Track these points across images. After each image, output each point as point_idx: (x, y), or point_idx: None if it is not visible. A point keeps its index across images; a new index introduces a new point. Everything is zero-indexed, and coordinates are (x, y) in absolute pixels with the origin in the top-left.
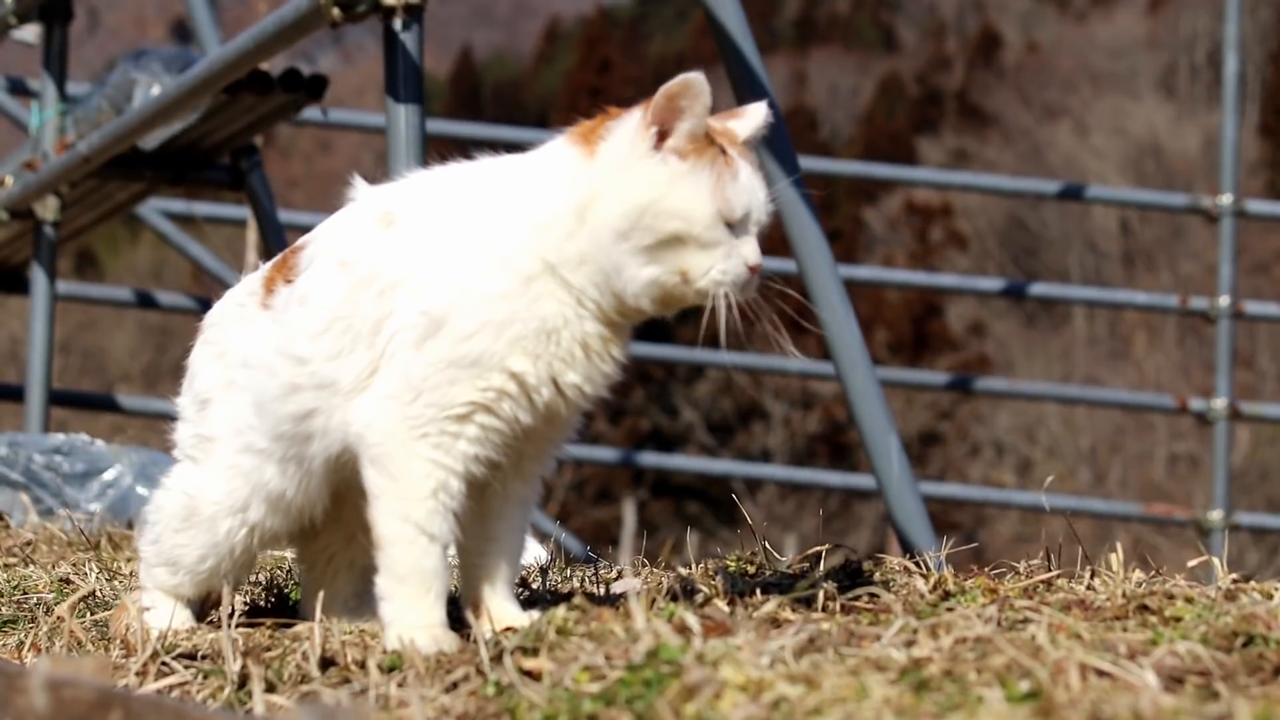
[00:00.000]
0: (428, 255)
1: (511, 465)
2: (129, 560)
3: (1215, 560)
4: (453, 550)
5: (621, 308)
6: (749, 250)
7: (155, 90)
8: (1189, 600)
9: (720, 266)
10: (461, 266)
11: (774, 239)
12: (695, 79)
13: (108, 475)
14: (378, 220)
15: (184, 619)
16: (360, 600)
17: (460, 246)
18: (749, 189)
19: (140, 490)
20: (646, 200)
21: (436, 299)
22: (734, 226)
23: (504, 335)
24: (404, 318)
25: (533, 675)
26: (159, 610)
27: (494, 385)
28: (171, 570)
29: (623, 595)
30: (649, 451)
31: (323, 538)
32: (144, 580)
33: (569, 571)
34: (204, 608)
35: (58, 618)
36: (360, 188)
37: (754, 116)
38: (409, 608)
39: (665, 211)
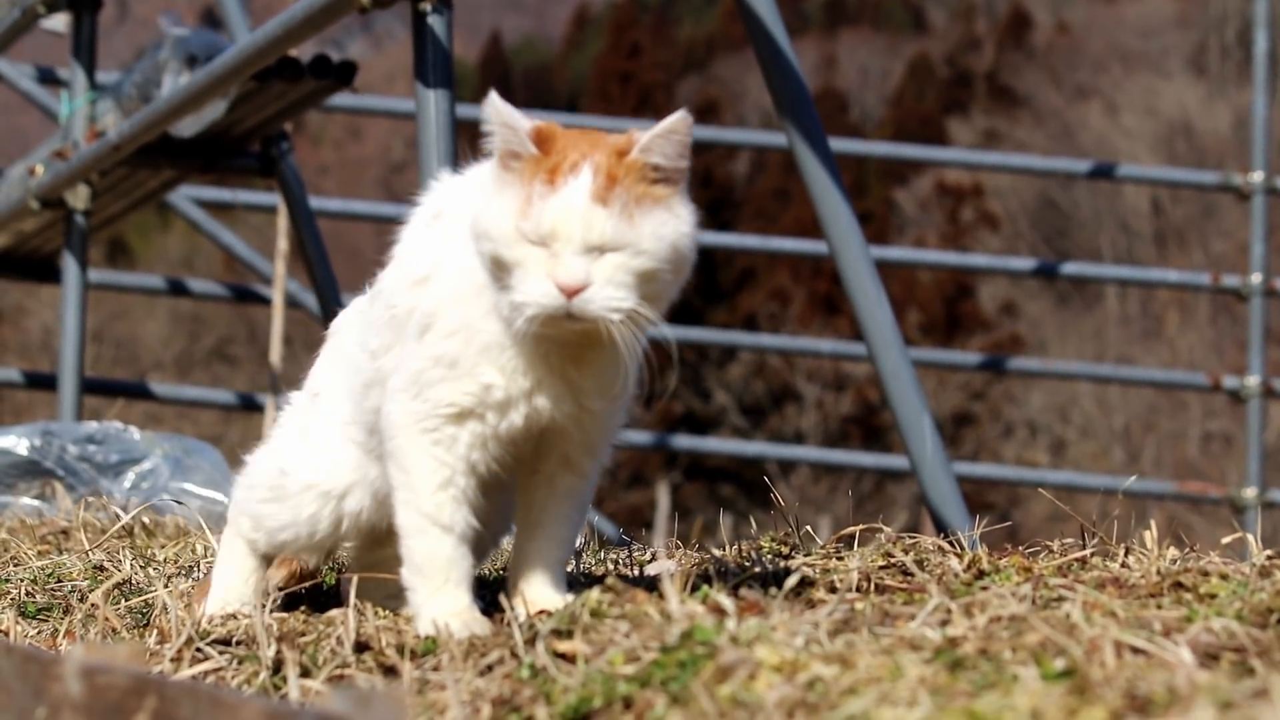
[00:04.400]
0: (444, 252)
1: (556, 458)
2: (163, 547)
3: (1249, 537)
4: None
5: (519, 335)
6: (559, 269)
7: (184, 78)
8: (1223, 577)
9: (524, 288)
10: (454, 266)
11: (806, 221)
12: (489, 99)
13: (145, 465)
14: (431, 215)
15: (249, 571)
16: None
17: (462, 246)
18: (562, 204)
19: (175, 482)
20: (472, 220)
21: (434, 295)
22: (547, 245)
23: (473, 342)
24: (417, 310)
25: (567, 658)
26: (229, 562)
27: (471, 391)
28: (254, 525)
29: (657, 577)
30: (682, 434)
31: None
32: (230, 516)
33: (603, 554)
34: (289, 581)
35: (92, 605)
36: (440, 179)
37: (661, 123)
38: (433, 596)
39: (479, 232)
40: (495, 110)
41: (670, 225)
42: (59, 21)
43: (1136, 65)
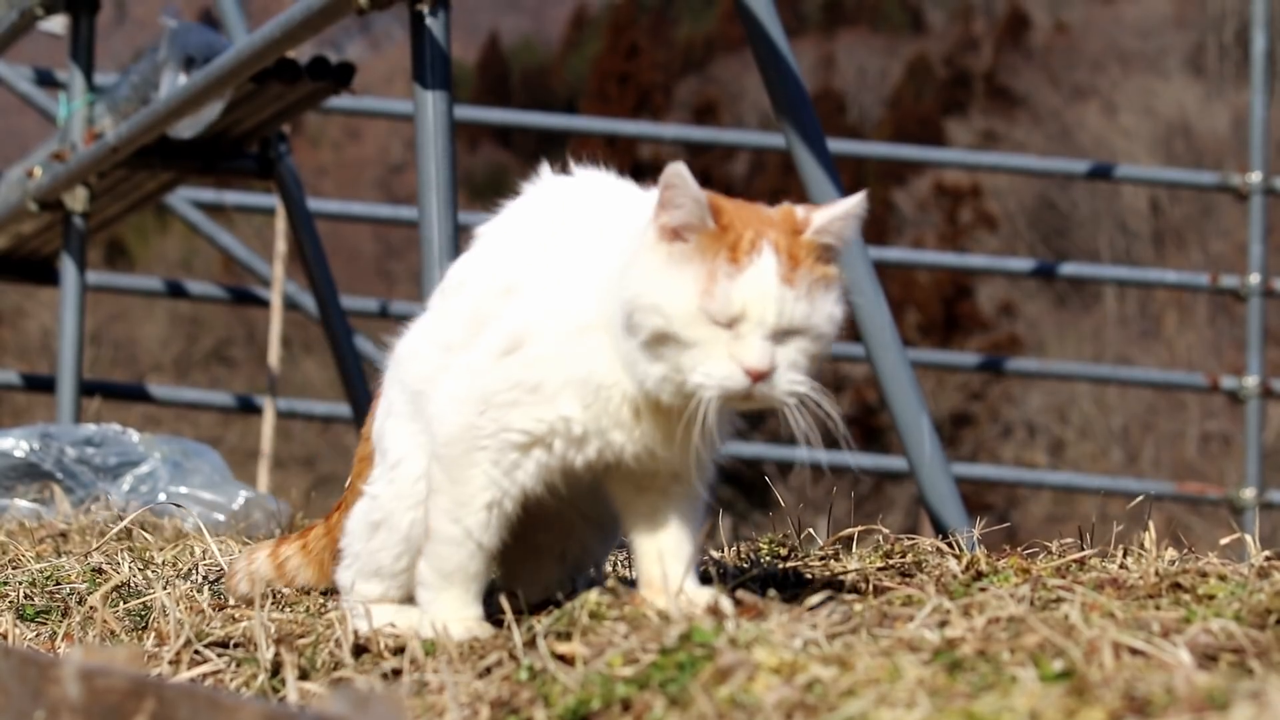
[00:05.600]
0: (544, 267)
1: (666, 476)
2: (161, 549)
3: (1248, 538)
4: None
5: (652, 397)
6: (746, 352)
7: (182, 79)
8: (1222, 578)
9: (703, 368)
10: (557, 290)
11: None
12: (673, 168)
13: (143, 468)
14: (530, 213)
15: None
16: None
17: (565, 270)
18: (752, 285)
19: (173, 485)
20: (632, 293)
21: (525, 313)
22: (733, 325)
23: (563, 372)
24: (501, 324)
25: (566, 659)
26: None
27: (546, 419)
28: (378, 580)
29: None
30: None
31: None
32: (354, 598)
33: None
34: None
35: (91, 608)
36: (543, 175)
37: (836, 206)
38: (446, 600)
39: (646, 306)
40: (682, 180)
41: (840, 307)
42: (57, 23)
43: (1134, 65)
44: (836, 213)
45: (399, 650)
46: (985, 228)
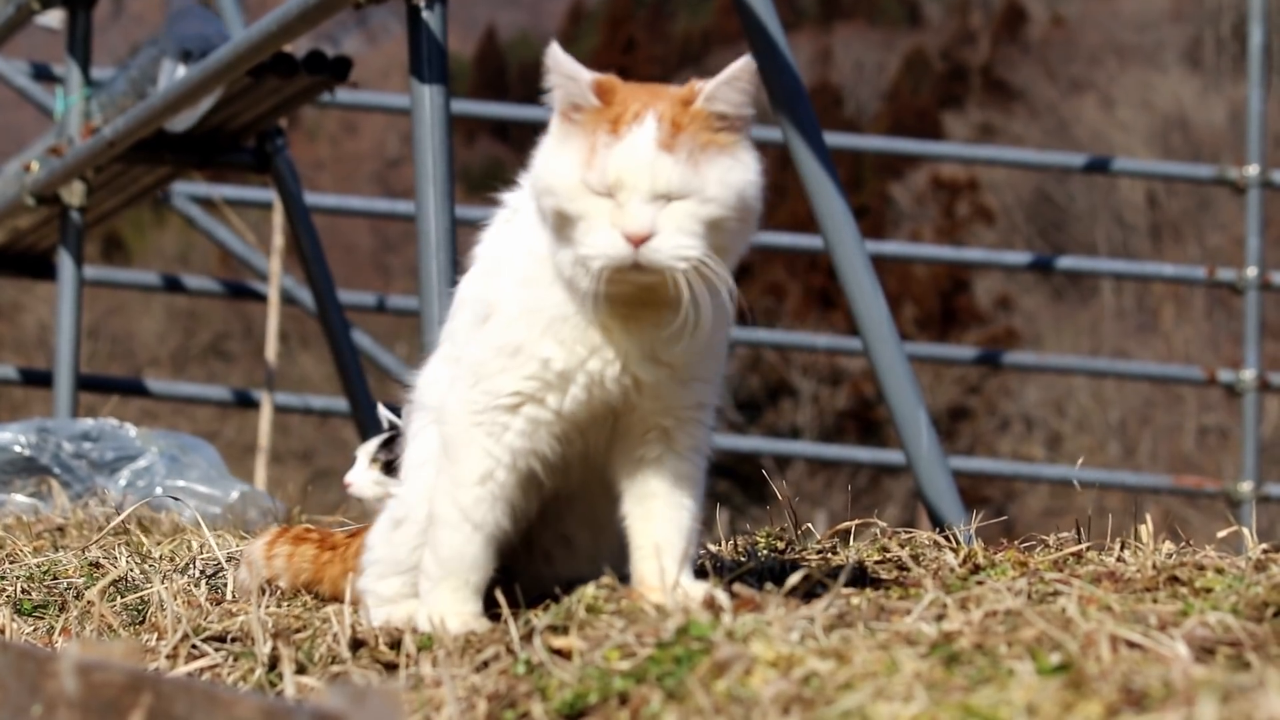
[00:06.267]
0: (512, 241)
1: (655, 435)
2: (159, 544)
3: (1245, 531)
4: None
5: (577, 289)
6: (625, 218)
7: (180, 73)
8: (1219, 571)
9: (590, 239)
10: (520, 251)
11: (802, 215)
12: (551, 50)
13: (140, 462)
14: (509, 213)
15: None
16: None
17: (523, 233)
18: (628, 152)
19: (170, 479)
20: (533, 177)
21: (499, 283)
22: (615, 195)
23: (536, 322)
24: (481, 300)
25: (563, 653)
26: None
27: (534, 373)
28: (396, 575)
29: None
30: None
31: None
32: (378, 604)
33: None
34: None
35: (88, 602)
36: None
37: (726, 71)
38: (444, 591)
39: (542, 187)
40: (556, 62)
41: (736, 172)
42: (54, 18)
43: (1132, 59)
44: (723, 78)
45: (396, 644)
46: (982, 221)
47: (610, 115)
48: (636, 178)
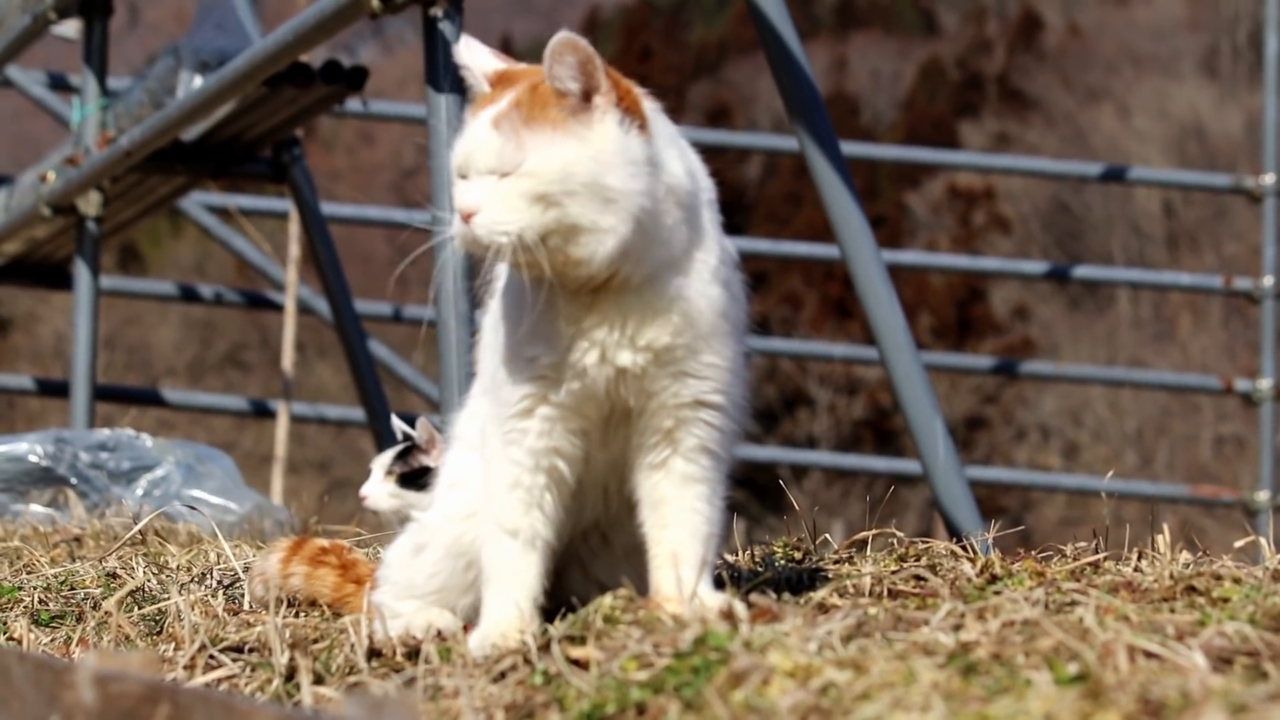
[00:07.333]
0: None
1: (661, 437)
2: (175, 554)
3: (1262, 541)
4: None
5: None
6: (455, 197)
7: (198, 82)
8: (1236, 581)
9: (451, 220)
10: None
11: (818, 224)
12: (462, 41)
13: (157, 472)
14: None
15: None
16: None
17: None
18: (469, 134)
19: (187, 489)
20: None
21: (496, 301)
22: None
23: (524, 325)
24: (493, 323)
25: (580, 664)
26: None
27: (533, 374)
28: (411, 599)
29: None
30: None
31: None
32: (396, 618)
33: None
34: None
35: (105, 612)
36: None
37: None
38: (491, 609)
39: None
40: (469, 51)
41: (566, 147)
42: (70, 28)
43: (1148, 68)
44: (547, 55)
45: (414, 654)
46: (998, 230)
47: (483, 101)
48: (469, 157)
